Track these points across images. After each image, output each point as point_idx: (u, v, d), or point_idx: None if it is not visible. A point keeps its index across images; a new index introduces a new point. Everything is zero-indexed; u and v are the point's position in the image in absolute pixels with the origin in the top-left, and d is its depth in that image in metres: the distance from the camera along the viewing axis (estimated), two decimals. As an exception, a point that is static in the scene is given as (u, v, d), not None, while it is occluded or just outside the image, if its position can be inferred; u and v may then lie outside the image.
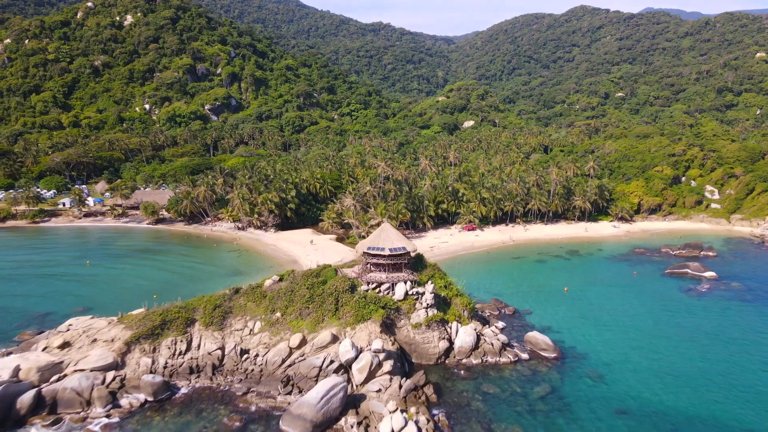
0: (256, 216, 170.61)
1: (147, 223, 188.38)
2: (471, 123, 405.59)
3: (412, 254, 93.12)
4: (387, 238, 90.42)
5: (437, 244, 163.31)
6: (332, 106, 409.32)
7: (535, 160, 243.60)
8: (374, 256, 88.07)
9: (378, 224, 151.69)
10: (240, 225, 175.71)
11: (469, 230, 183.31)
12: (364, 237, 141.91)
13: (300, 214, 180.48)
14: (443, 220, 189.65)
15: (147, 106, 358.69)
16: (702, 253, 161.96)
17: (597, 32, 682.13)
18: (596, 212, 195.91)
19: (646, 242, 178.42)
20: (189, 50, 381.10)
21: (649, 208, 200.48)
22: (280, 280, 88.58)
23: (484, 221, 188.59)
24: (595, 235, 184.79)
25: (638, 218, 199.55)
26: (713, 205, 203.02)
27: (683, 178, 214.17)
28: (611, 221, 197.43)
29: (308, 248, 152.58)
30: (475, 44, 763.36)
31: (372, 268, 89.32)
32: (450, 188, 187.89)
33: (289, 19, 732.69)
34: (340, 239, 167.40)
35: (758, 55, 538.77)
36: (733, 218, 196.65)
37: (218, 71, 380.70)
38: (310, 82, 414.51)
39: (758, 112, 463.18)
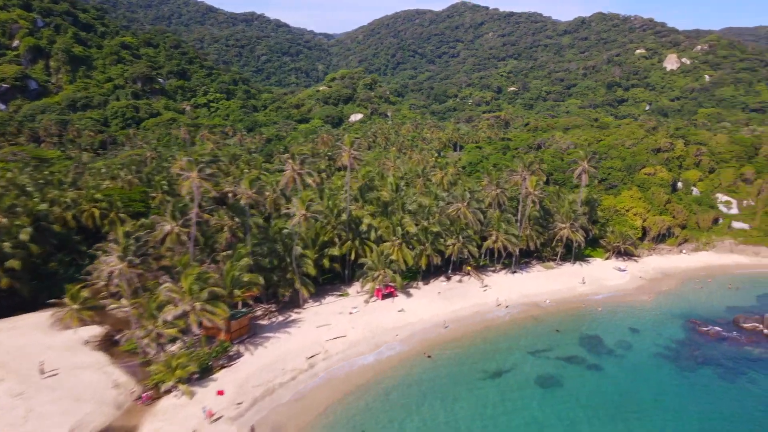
0: None
1: None
2: (359, 116, 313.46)
3: None
4: None
5: (314, 347, 69.51)
6: (183, 95, 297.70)
7: (462, 160, 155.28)
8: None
9: (184, 315, 57.38)
10: None
11: (384, 296, 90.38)
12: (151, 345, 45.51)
13: (45, 276, 78.90)
14: (335, 276, 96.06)
15: None
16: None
17: (480, 28, 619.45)
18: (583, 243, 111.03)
19: (687, 300, 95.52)
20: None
21: (658, 234, 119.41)
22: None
23: (410, 275, 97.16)
24: (596, 289, 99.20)
25: (643, 249, 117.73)
26: (736, 224, 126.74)
27: (680, 184, 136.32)
28: (607, 257, 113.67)
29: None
30: (356, 38, 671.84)
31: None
32: (344, 216, 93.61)
33: (147, 4, 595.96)
34: (107, 340, 68.56)
35: (638, 51, 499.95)
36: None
37: (14, 44, 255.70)
38: (155, 65, 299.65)
39: (647, 108, 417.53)
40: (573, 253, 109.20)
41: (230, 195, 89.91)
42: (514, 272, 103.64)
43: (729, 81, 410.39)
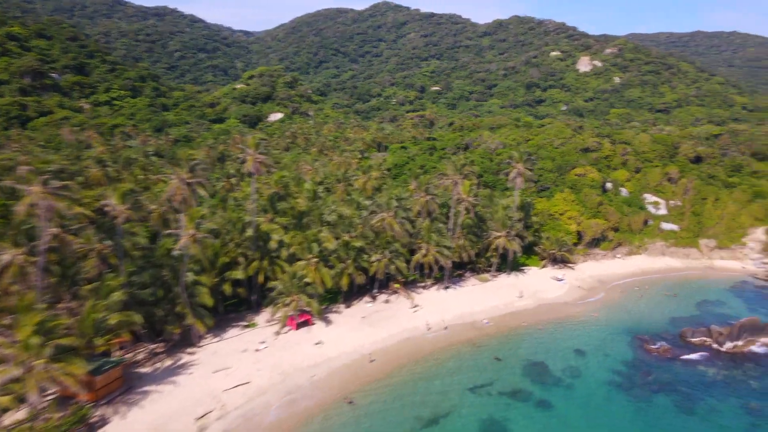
0: None
1: None
2: (279, 115, 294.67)
3: None
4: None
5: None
6: (82, 92, 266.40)
7: (387, 162, 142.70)
8: None
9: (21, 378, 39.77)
10: None
11: (299, 325, 76.01)
12: None
13: None
14: (242, 302, 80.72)
15: None
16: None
17: (402, 28, 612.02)
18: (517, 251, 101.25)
19: (629, 312, 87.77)
20: None
21: (593, 238, 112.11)
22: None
23: (330, 297, 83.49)
24: (535, 303, 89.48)
25: (578, 255, 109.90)
26: (665, 225, 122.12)
27: (609, 184, 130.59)
28: (543, 266, 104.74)
29: None
30: (277, 36, 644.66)
31: None
32: (250, 231, 78.15)
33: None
34: None
35: (553, 53, 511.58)
36: (703, 246, 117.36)
37: None
38: (47, 58, 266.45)
39: (564, 108, 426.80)
40: (509, 263, 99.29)
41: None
42: (447, 287, 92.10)
43: (636, 83, 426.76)
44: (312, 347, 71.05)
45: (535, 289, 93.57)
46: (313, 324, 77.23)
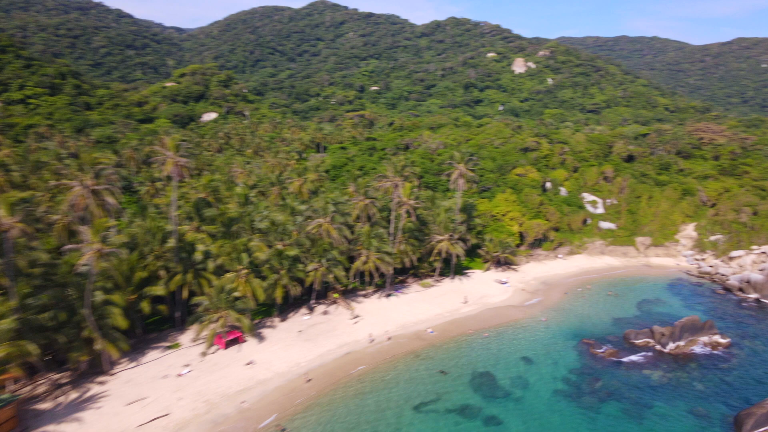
0: None
1: None
2: (213, 115, 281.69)
3: None
4: None
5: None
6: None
7: (325, 163, 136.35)
8: None
9: None
10: None
11: (228, 344, 69.13)
12: None
13: None
14: (165, 319, 72.93)
15: None
16: (709, 338, 75.53)
17: (340, 27, 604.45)
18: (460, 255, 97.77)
19: (574, 314, 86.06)
20: None
21: (535, 239, 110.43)
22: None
23: (264, 310, 77.03)
24: (480, 309, 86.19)
25: (521, 256, 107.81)
26: (603, 224, 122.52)
27: (548, 184, 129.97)
28: (487, 268, 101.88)
29: None
30: (211, 33, 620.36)
31: None
32: (172, 242, 70.29)
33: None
34: None
35: (489, 55, 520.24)
36: (640, 244, 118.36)
37: None
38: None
39: (500, 108, 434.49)
40: (452, 268, 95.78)
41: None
42: (389, 295, 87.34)
43: (568, 84, 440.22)
44: (242, 369, 64.31)
45: (479, 294, 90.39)
46: (245, 341, 70.40)
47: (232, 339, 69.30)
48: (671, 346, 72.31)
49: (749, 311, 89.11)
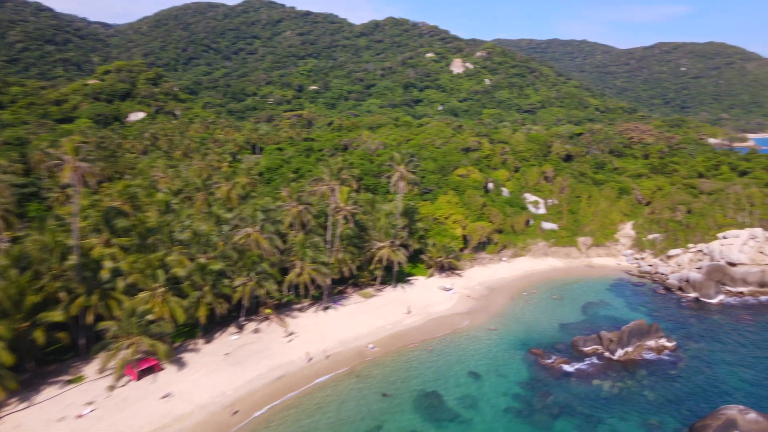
0: None
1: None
2: (141, 115, 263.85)
3: None
4: None
5: None
6: None
7: (260, 165, 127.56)
8: None
9: None
10: None
11: (141, 374, 60.36)
12: None
13: None
14: (65, 348, 63.09)
15: None
16: (656, 342, 73.58)
17: (277, 26, 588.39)
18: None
19: (520, 322, 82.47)
20: None
21: (479, 242, 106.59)
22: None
23: (186, 331, 68.62)
24: (424, 319, 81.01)
25: (465, 260, 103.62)
26: (545, 225, 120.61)
27: (491, 184, 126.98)
28: (430, 275, 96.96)
29: None
30: (140, 29, 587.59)
31: None
32: (73, 258, 60.80)
33: None
34: None
35: (428, 55, 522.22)
36: (581, 244, 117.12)
37: None
38: None
39: (440, 108, 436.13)
40: (394, 275, 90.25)
41: None
42: (327, 308, 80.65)
43: (505, 85, 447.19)
44: (157, 403, 56.01)
45: (423, 303, 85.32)
46: (161, 369, 61.88)
47: (146, 368, 60.60)
48: (620, 352, 69.81)
49: (690, 311, 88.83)
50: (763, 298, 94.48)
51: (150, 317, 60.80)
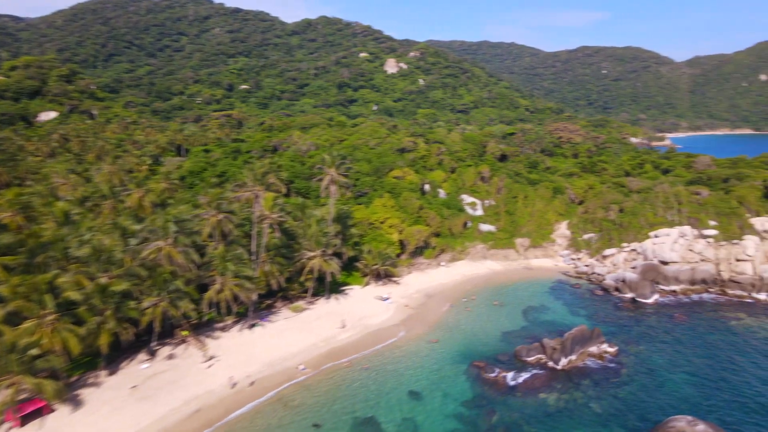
0: None
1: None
2: (53, 114, 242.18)
3: None
4: None
5: None
6: None
7: (177, 168, 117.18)
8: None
9: None
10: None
11: (25, 419, 50.69)
12: None
13: None
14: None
15: None
16: (598, 348, 71.28)
17: (206, 22, 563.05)
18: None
19: (461, 331, 78.27)
20: None
21: (416, 247, 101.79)
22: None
23: (86, 363, 59.16)
24: (360, 333, 75.09)
25: (402, 266, 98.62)
26: (483, 227, 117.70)
27: (427, 186, 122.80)
28: (366, 283, 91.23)
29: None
30: (54, 23, 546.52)
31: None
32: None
33: None
34: None
35: (362, 55, 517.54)
36: (519, 246, 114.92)
37: None
38: None
39: (374, 108, 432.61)
40: (327, 286, 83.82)
41: None
42: (253, 325, 73.06)
43: (438, 85, 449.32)
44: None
45: (359, 315, 79.40)
46: (51, 411, 52.62)
47: (31, 411, 51.20)
48: (564, 361, 66.85)
49: (627, 312, 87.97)
50: (695, 296, 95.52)
51: (35, 351, 51.41)
